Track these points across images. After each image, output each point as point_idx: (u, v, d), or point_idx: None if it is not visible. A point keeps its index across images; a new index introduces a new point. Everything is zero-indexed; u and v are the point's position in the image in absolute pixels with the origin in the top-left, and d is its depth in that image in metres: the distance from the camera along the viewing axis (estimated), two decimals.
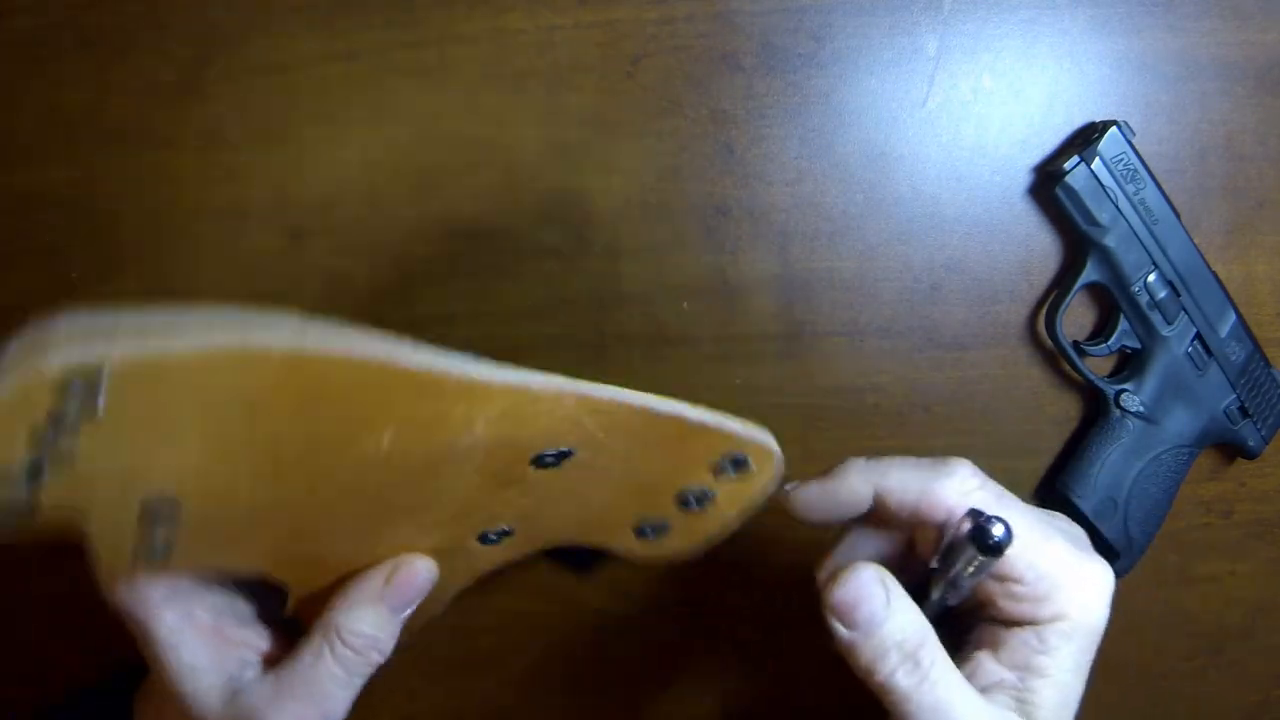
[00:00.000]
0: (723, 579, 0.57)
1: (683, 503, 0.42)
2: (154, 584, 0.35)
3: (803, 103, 0.53)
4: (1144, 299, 0.53)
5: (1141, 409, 0.55)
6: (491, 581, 0.56)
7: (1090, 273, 0.53)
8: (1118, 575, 0.57)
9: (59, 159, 0.52)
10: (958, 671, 0.35)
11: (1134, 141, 0.51)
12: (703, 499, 0.42)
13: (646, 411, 0.39)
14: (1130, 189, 0.52)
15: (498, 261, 0.54)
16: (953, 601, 0.38)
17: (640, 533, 0.43)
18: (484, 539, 0.40)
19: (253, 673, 0.37)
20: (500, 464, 0.38)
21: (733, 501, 0.43)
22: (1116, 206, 0.52)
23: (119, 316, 0.32)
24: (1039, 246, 0.55)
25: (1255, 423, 0.56)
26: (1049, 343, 0.56)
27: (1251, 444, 0.56)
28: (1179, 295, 0.53)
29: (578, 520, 0.42)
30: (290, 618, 0.40)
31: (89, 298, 0.53)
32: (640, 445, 0.40)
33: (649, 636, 0.58)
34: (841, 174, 0.54)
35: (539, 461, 0.38)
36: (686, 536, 0.43)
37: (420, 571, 0.38)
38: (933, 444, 0.57)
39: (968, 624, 0.39)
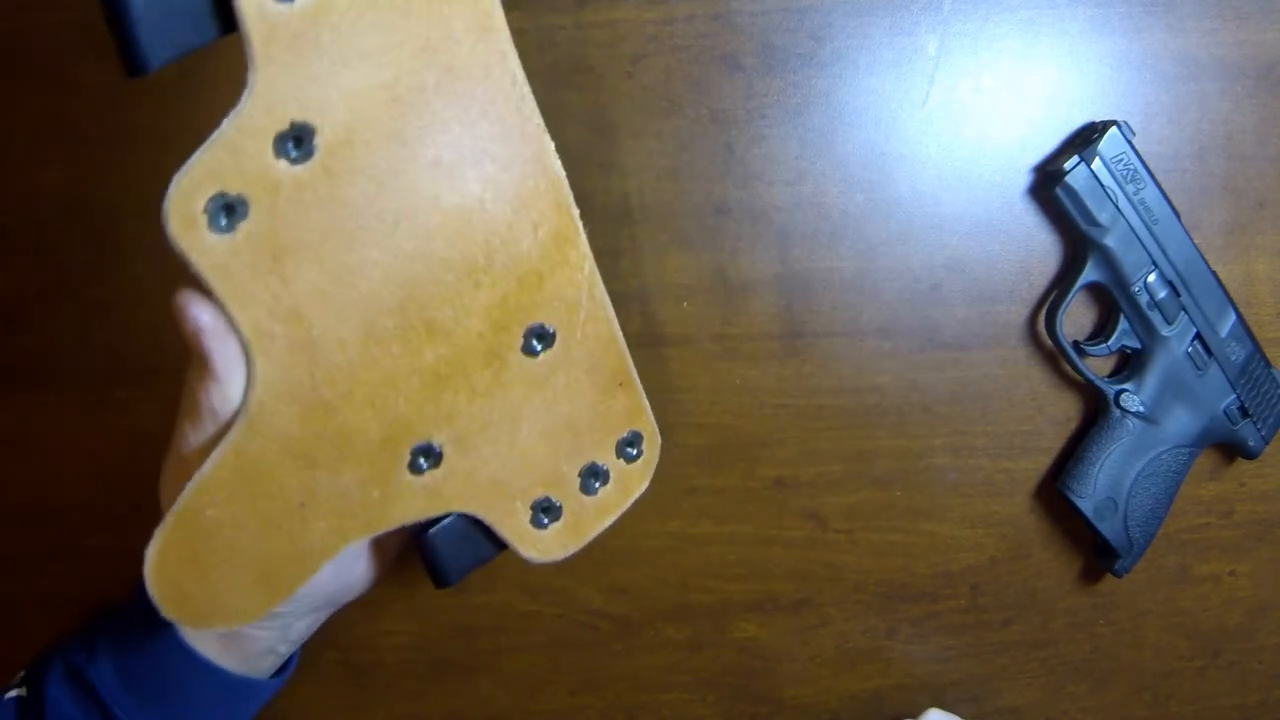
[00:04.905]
0: (721, 577, 0.57)
1: (586, 477, 0.45)
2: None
3: (803, 103, 0.53)
4: (1144, 299, 0.53)
5: (1141, 409, 0.55)
6: (490, 581, 0.56)
7: (1090, 273, 0.53)
8: (1117, 575, 0.57)
9: (59, 159, 0.52)
10: None
11: (1134, 141, 0.51)
12: (601, 478, 0.45)
13: (613, 330, 0.43)
14: (1130, 189, 0.52)
15: None
16: None
17: (536, 514, 0.44)
18: (415, 464, 0.41)
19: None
20: (508, 314, 0.40)
21: (618, 492, 0.46)
22: (1116, 206, 0.52)
23: None
24: (1039, 246, 0.55)
25: (1255, 423, 0.56)
26: (1049, 343, 0.56)
27: (1251, 444, 0.56)
28: (1179, 295, 0.53)
29: (496, 473, 0.43)
30: None
31: (89, 297, 0.53)
32: (591, 373, 0.43)
33: (648, 636, 0.58)
34: (841, 174, 0.54)
35: (528, 338, 0.41)
36: (570, 531, 0.45)
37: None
38: (933, 444, 0.57)
39: None
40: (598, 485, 0.45)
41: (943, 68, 0.53)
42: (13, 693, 0.48)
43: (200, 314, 0.36)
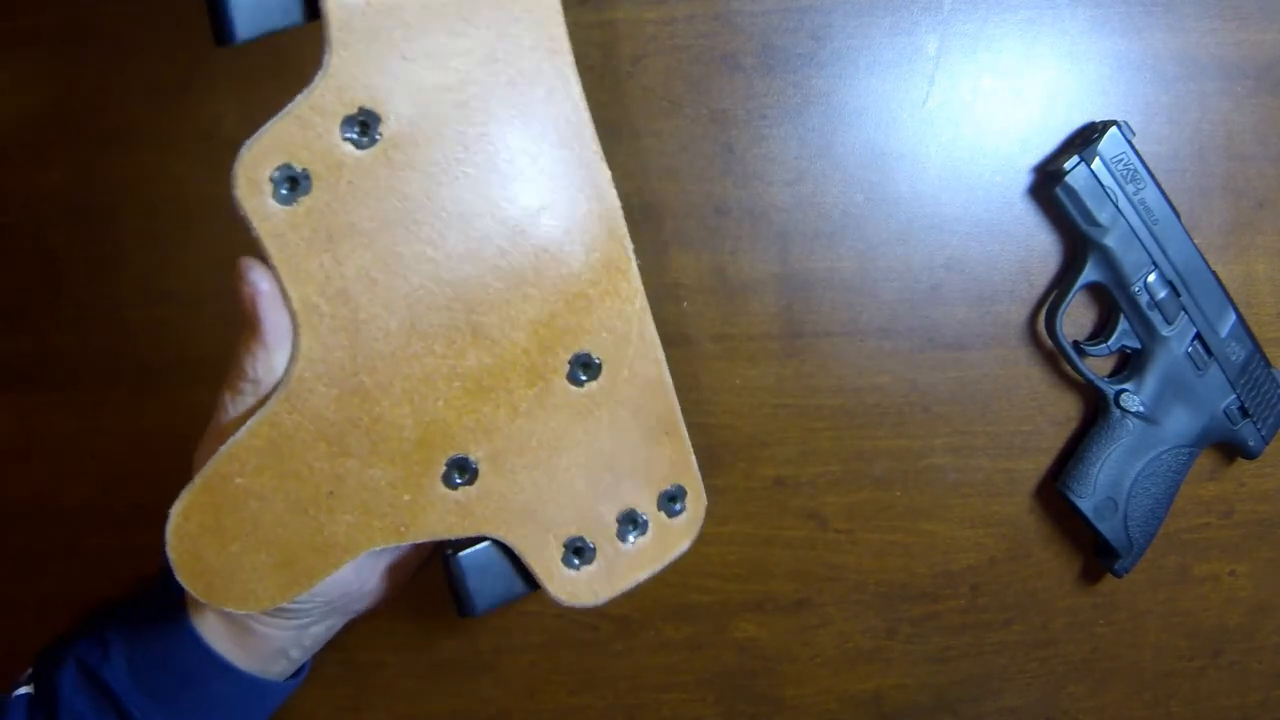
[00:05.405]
0: (721, 577, 0.57)
1: (623, 523, 0.44)
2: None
3: (803, 103, 0.53)
4: (1144, 299, 0.53)
5: (1141, 409, 0.55)
6: None
7: (1090, 273, 0.53)
8: (1117, 575, 0.57)
9: (59, 159, 0.52)
10: None
11: (1134, 141, 0.51)
12: (639, 527, 0.44)
13: (662, 375, 0.43)
14: (1130, 189, 0.52)
15: None
16: None
17: (568, 554, 0.43)
18: (449, 477, 0.40)
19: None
20: (554, 335, 0.40)
21: (657, 545, 0.45)
22: (1116, 206, 0.52)
23: None
24: (1039, 246, 0.55)
25: (1255, 423, 0.56)
26: (1049, 343, 0.56)
27: (1251, 444, 0.56)
28: (1179, 295, 0.53)
29: (530, 502, 0.42)
30: None
31: (89, 297, 0.53)
32: (636, 415, 0.43)
33: (648, 637, 0.58)
34: (841, 174, 0.54)
35: (573, 366, 0.41)
36: (603, 577, 0.44)
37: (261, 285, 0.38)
38: (933, 444, 0.57)
39: None
40: (635, 534, 0.44)
41: (943, 68, 0.53)
42: (21, 690, 0.48)
43: (259, 279, 0.37)
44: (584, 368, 0.41)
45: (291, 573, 0.40)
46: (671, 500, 0.45)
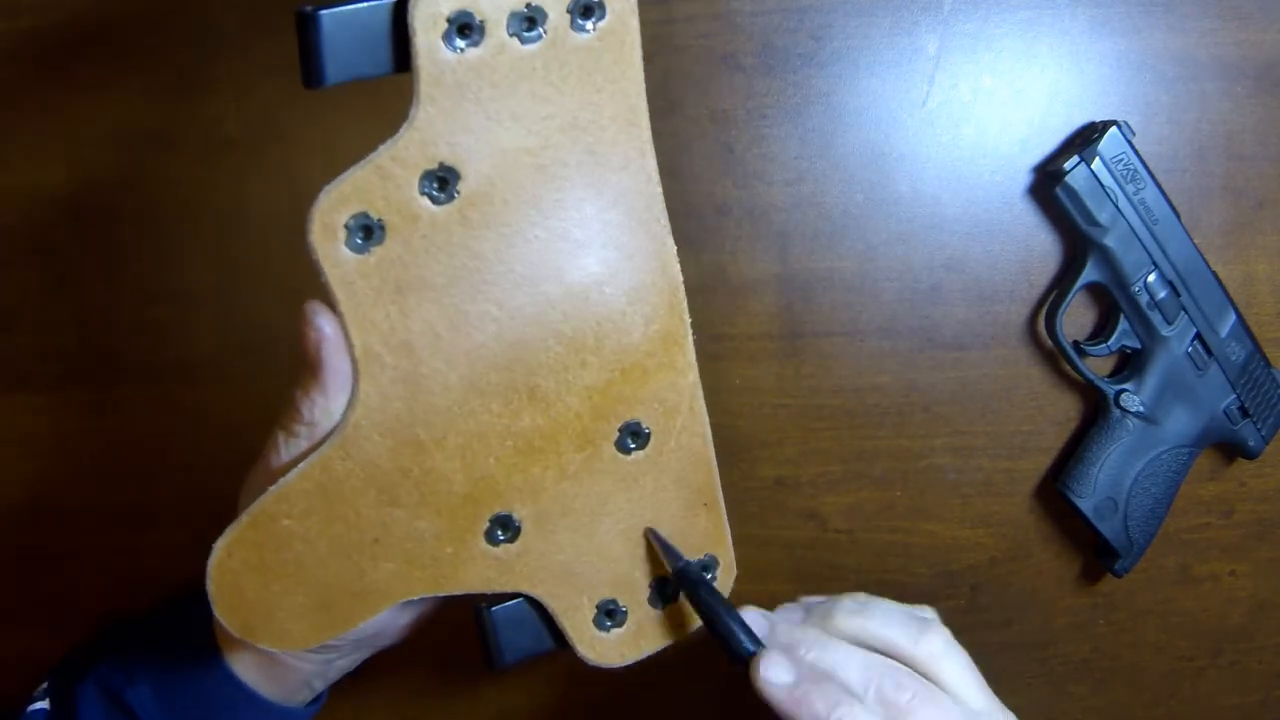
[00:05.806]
0: None
1: (656, 589, 0.44)
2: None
3: (803, 103, 0.53)
4: (1144, 299, 0.53)
5: (1141, 409, 0.55)
6: None
7: (1090, 273, 0.53)
8: (1117, 575, 0.57)
9: (59, 159, 0.52)
10: None
11: (1134, 141, 0.51)
12: (672, 595, 0.45)
13: (707, 449, 0.44)
14: (1130, 189, 0.52)
15: None
16: None
17: (600, 615, 0.44)
18: (491, 534, 0.41)
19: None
20: (608, 402, 0.40)
21: (686, 613, 0.45)
22: (1116, 206, 0.52)
23: None
24: (1039, 246, 0.55)
25: (1255, 423, 0.56)
26: (1049, 343, 0.56)
27: (1251, 444, 0.56)
28: (1179, 295, 0.53)
29: (569, 562, 0.42)
30: None
31: (89, 297, 0.53)
32: (678, 484, 0.43)
33: None
34: (841, 174, 0.54)
35: (623, 433, 0.41)
36: (631, 640, 0.45)
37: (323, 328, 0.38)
38: (933, 444, 0.57)
39: None
40: (666, 601, 0.45)
41: (943, 68, 0.53)
42: (38, 705, 0.47)
43: (324, 324, 0.37)
44: (634, 436, 0.42)
45: (329, 616, 0.40)
46: (704, 570, 0.45)
